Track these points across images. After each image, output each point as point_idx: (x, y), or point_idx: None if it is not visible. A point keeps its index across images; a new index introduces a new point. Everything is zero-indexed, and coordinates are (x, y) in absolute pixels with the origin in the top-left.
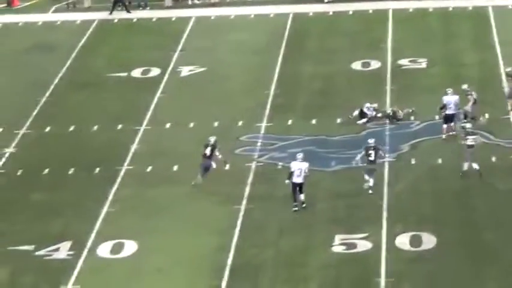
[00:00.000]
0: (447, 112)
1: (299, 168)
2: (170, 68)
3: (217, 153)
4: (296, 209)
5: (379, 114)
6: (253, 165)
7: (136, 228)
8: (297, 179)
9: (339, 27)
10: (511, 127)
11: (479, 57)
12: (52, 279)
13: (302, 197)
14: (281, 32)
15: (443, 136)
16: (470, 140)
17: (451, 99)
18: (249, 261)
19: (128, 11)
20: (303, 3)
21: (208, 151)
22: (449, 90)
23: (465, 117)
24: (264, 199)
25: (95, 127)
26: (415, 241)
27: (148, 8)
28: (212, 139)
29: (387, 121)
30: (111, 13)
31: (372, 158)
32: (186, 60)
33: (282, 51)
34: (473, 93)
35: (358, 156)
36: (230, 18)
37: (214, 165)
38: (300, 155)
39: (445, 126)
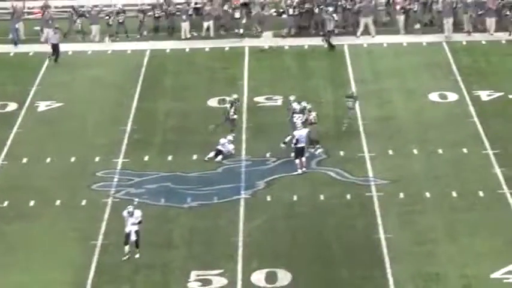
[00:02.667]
0: (298, 145)
1: None
2: (27, 103)
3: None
4: (126, 258)
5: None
6: (110, 200)
7: None
8: None
9: (195, 63)
10: (366, 165)
11: (335, 95)
12: None
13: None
14: (138, 68)
15: (300, 171)
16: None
17: (302, 133)
18: None
19: None
20: (160, 40)
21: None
22: (299, 125)
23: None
24: (121, 235)
25: None
26: (271, 278)
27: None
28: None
29: (243, 157)
30: None
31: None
32: (43, 95)
33: (139, 87)
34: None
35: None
36: (87, 53)
37: None
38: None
39: (297, 161)
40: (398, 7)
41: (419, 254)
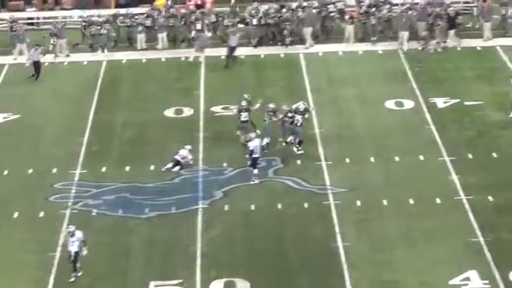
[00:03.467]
0: (253, 156)
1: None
2: None
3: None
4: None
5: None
6: (68, 212)
7: None
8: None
9: (152, 74)
10: (323, 173)
11: (291, 104)
12: None
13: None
14: (95, 80)
15: (257, 181)
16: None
17: (256, 143)
18: None
19: None
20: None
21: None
22: (253, 135)
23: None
24: None
25: None
26: (229, 287)
27: None
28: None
29: (200, 167)
30: None
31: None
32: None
33: (96, 98)
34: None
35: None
36: (44, 65)
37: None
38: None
39: (256, 171)
40: (347, 17)
41: (378, 262)
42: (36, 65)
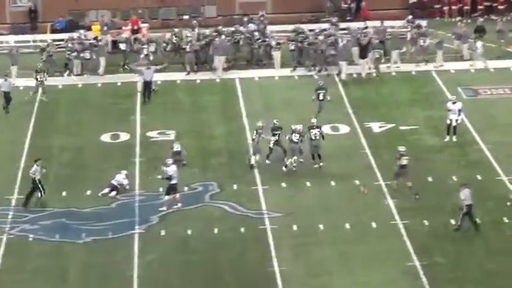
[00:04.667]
0: (171, 182)
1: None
2: None
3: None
4: None
5: None
6: (5, 237)
7: None
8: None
9: (88, 99)
10: (259, 198)
11: (227, 129)
12: None
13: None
14: (31, 104)
15: (165, 208)
16: None
17: (174, 169)
18: None
19: None
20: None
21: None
22: (170, 161)
23: None
24: (16, 271)
25: None
26: None
27: None
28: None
29: (137, 192)
30: None
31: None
32: None
33: (32, 123)
34: None
35: None
36: None
37: None
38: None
39: (167, 197)
40: (273, 43)
41: (314, 286)
42: (7, 96)
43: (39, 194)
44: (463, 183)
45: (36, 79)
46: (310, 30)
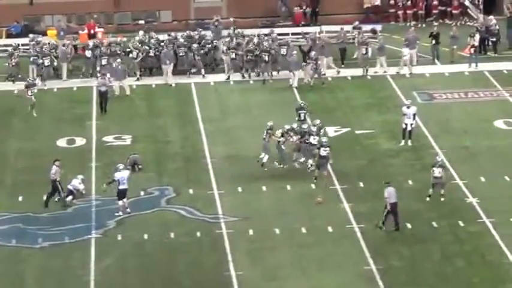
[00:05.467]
0: (120, 187)
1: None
2: None
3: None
4: None
5: None
6: None
7: None
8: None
9: (44, 104)
10: (215, 202)
11: (183, 133)
12: None
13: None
14: None
15: (121, 213)
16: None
17: (124, 175)
18: None
19: None
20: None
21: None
22: (121, 166)
23: None
24: None
25: None
26: None
27: None
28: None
29: (93, 197)
30: None
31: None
32: None
33: None
34: None
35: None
36: None
37: None
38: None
39: (120, 202)
40: (224, 48)
41: None
42: None
43: (59, 195)
44: (387, 182)
45: (28, 94)
46: (266, 35)
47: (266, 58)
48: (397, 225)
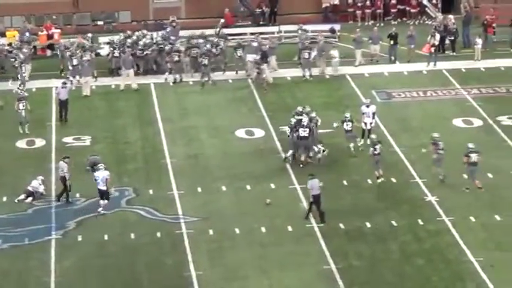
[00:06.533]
0: (98, 187)
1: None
2: None
3: None
4: None
5: None
6: None
7: None
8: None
9: (3, 106)
10: (175, 202)
11: (142, 134)
12: None
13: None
14: None
15: (101, 210)
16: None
17: (104, 174)
18: None
19: None
20: None
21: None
22: (101, 166)
23: None
24: None
25: None
26: None
27: None
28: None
29: (53, 198)
30: None
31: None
32: None
33: None
34: None
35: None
36: None
37: None
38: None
39: (101, 201)
40: (182, 48)
41: None
42: None
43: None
44: (311, 174)
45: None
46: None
47: (205, 62)
48: (321, 215)
